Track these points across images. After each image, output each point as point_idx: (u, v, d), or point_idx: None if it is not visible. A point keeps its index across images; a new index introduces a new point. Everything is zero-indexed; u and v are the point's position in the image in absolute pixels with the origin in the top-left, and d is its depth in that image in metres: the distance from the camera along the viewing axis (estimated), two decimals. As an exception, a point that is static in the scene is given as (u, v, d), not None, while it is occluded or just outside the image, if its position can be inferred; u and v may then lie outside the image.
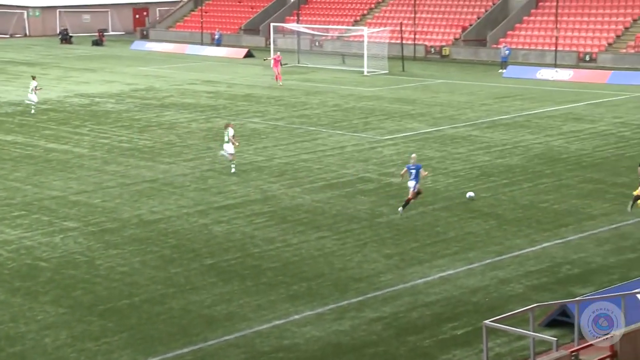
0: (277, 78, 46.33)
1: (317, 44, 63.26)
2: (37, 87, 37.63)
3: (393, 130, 32.68)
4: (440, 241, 19.65)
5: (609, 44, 52.79)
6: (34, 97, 37.59)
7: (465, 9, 61.31)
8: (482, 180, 24.87)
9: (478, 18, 59.78)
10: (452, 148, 29.29)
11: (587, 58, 51.80)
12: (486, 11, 60.00)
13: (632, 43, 51.65)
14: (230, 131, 26.73)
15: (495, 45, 56.10)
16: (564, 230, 20.21)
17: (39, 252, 19.39)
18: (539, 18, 57.45)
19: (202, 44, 67.15)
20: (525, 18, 57.88)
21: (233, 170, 26.19)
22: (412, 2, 60.07)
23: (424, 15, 62.12)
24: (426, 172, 22.42)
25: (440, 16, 61.84)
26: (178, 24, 77.76)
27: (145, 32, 77.05)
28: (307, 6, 70.75)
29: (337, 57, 56.08)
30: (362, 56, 51.47)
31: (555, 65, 49.74)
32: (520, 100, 39.76)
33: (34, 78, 38.33)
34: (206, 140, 31.54)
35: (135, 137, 32.26)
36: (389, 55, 52.36)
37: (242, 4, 75.97)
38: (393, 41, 56.08)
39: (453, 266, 18.05)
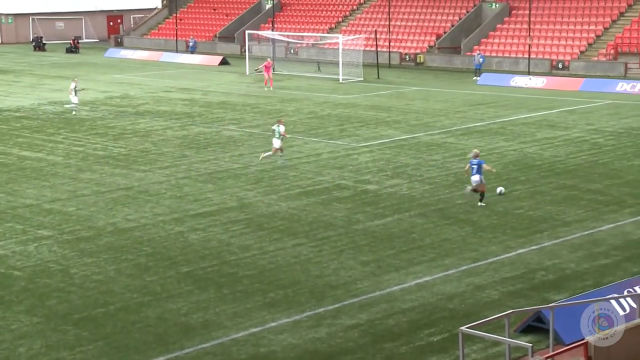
0: (266, 82, 46.77)
1: (292, 51, 63.33)
2: (78, 88, 38.79)
3: (368, 138, 32.76)
4: (416, 248, 19.71)
5: (581, 52, 53.31)
6: (74, 99, 38.58)
7: (439, 17, 61.67)
8: (457, 187, 24.97)
9: (452, 26, 60.15)
10: (427, 155, 29.41)
11: (560, 66, 52.28)
12: (460, 19, 60.39)
13: (604, 51, 52.21)
14: (282, 128, 28.02)
15: (469, 53, 56.46)
16: (538, 236, 20.35)
17: (13, 261, 19.21)
18: (512, 26, 57.91)
19: (176, 51, 67.01)
20: (498, 26, 58.32)
21: (283, 162, 27.80)
22: (387, 9, 60.32)
23: (398, 23, 62.40)
24: (489, 167, 23.72)
25: (415, 24, 62.15)
26: (152, 31, 77.54)
27: (119, 40, 76.75)
28: (282, 14, 70.83)
29: (313, 64, 56.19)
30: (337, 63, 51.61)
31: (529, 73, 50.17)
32: (495, 107, 40.02)
33: (74, 79, 39.42)
34: (181, 147, 31.43)
35: (110, 145, 32.08)
36: (364, 63, 52.55)
37: (216, 11, 75.89)
38: (368, 49, 56.29)
39: (429, 273, 18.11)
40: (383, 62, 55.66)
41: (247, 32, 59.57)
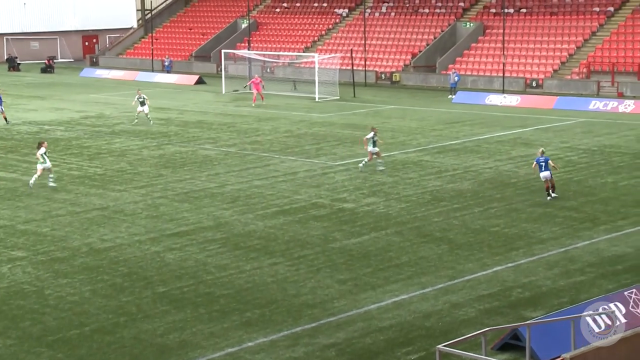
0: (255, 99, 47.31)
1: (268, 70, 63.42)
2: (140, 99, 40.56)
3: (345, 156, 32.81)
4: (393, 266, 19.71)
5: (555, 71, 53.83)
6: (144, 108, 40.76)
7: (414, 36, 62.08)
8: (433, 205, 25.06)
9: (427, 44, 60.55)
10: (403, 173, 29.49)
11: (534, 84, 52.73)
12: (435, 38, 60.82)
13: (577, 69, 52.77)
14: (371, 134, 29.19)
15: (444, 72, 56.83)
16: (514, 254, 20.43)
17: (-14, 283, 18.97)
18: (486, 45, 58.39)
19: (152, 70, 66.90)
20: (473, 45, 58.79)
21: (382, 168, 29.36)
22: (363, 28, 60.62)
23: (374, 42, 62.73)
24: (553, 163, 25.78)
25: (390, 42, 62.51)
26: (128, 51, 77.39)
27: (94, 59, 76.50)
28: (258, 33, 70.98)
29: (289, 83, 56.29)
30: (313, 82, 51.73)
31: (503, 91, 50.55)
32: (470, 125, 40.26)
33: (138, 90, 41.74)
34: (158, 167, 31.30)
35: (86, 165, 31.90)
36: (340, 82, 52.72)
37: (192, 30, 75.93)
38: (344, 67, 56.50)
39: (406, 291, 18.10)
40: (359, 80, 55.87)
41: (223, 51, 59.61)
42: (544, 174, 25.28)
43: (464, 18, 61.91)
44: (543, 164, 25.30)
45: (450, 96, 50.65)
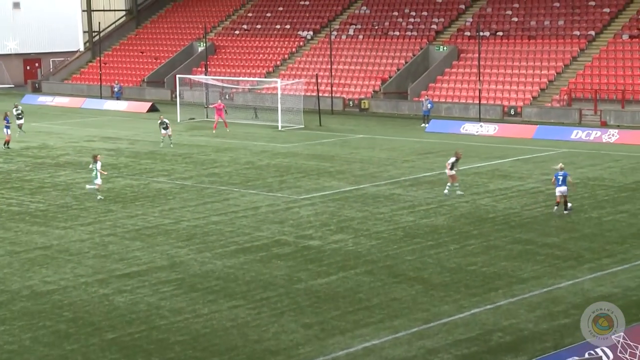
0: (215, 127, 47.91)
1: (227, 96, 63.48)
2: (164, 125, 43.47)
3: (310, 189, 32.86)
4: (363, 308, 19.69)
5: (534, 98, 54.58)
6: (167, 132, 43.54)
7: (384, 60, 62.65)
8: (406, 242, 25.13)
9: (398, 69, 61.11)
10: (374, 208, 29.59)
11: (512, 112, 53.38)
12: (406, 62, 61.42)
13: (557, 97, 53.53)
14: (453, 159, 31.18)
15: (416, 98, 57.35)
16: (493, 294, 20.52)
17: None
18: (461, 70, 59.08)
19: (101, 97, 66.69)
20: (447, 70, 59.45)
21: (460, 192, 31.00)
22: (329, 52, 61.04)
23: (341, 67, 63.20)
24: (571, 179, 28.29)
25: (359, 67, 63.00)
26: (74, 75, 77.15)
27: (37, 85, 76.11)
28: (215, 56, 71.17)
29: (249, 110, 56.42)
30: (275, 110, 51.89)
31: (480, 120, 51.09)
32: (445, 156, 40.47)
33: (161, 116, 44.75)
34: (106, 202, 31.08)
35: (27, 200, 31.59)
36: (304, 109, 52.95)
37: (144, 54, 75.93)
38: (309, 94, 56.80)
39: (377, 336, 18.07)
40: (325, 108, 56.15)
41: (178, 76, 59.71)
42: (561, 189, 27.81)
43: (436, 41, 62.67)
44: (561, 178, 27.87)
45: (423, 125, 51.06)
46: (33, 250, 24.68)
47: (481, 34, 57.60)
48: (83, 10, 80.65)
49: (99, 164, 31.43)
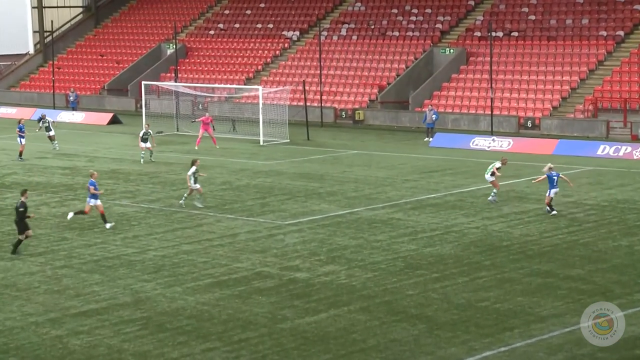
0: (199, 142, 47.94)
1: (200, 106, 63.68)
2: (145, 135, 44.41)
3: (297, 214, 32.90)
4: (358, 351, 19.71)
5: (554, 108, 54.88)
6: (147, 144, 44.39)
7: (382, 65, 62.95)
8: (407, 274, 25.17)
9: (398, 75, 61.42)
10: (370, 234, 29.63)
11: (529, 124, 53.64)
12: (407, 67, 61.73)
13: (581, 107, 53.81)
14: (497, 163, 33.97)
15: (419, 109, 57.60)
16: (508, 335, 20.56)
17: None
18: (469, 76, 59.40)
19: (54, 107, 66.75)
20: (454, 76, 59.76)
21: (493, 198, 33.78)
22: (317, 55, 61.30)
23: (332, 72, 63.49)
24: (567, 178, 32.34)
25: (352, 73, 63.30)
26: (23, 82, 77.27)
27: (-20, 93, 76.09)
28: (187, 60, 71.42)
29: (226, 122, 56.52)
30: (257, 122, 52.02)
31: (492, 133, 51.31)
32: (452, 175, 40.69)
33: (146, 125, 45.77)
34: (60, 228, 31.05)
35: (-32, 226, 31.55)
36: (290, 121, 53.06)
37: (104, 57, 76.11)
38: (295, 103, 56.99)
39: (374, 383, 18.08)
40: (314, 119, 56.31)
41: (143, 83, 59.76)
42: (556, 190, 31.47)
43: (442, 43, 63.04)
44: (555, 178, 31.45)
45: (426, 139, 51.25)
46: (-25, 285, 24.64)
47: (493, 34, 57.96)
48: (33, 7, 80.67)
49: (193, 168, 33.47)
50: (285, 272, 25.51)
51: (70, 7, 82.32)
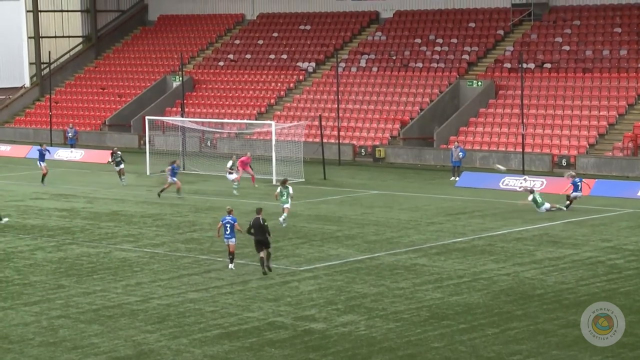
0: (238, 179, 48.16)
1: (208, 143, 63.92)
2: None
3: (312, 259, 32.88)
4: (379, 409, 19.60)
5: (591, 145, 54.84)
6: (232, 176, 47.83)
7: (404, 98, 63.11)
8: (432, 324, 25.08)
9: (421, 110, 61.53)
10: (391, 282, 29.57)
11: (564, 163, 53.58)
12: (431, 101, 61.86)
13: (620, 144, 53.74)
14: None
15: (444, 146, 57.62)
16: (543, 391, 20.44)
17: None
18: (499, 110, 59.46)
19: (51, 144, 67.02)
20: (481, 110, 59.83)
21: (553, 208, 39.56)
22: (335, 88, 61.53)
23: (350, 106, 63.66)
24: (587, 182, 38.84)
25: (372, 107, 63.45)
26: (18, 117, 77.74)
27: (-29, 129, 76.55)
28: (194, 94, 71.80)
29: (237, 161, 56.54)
30: (269, 159, 52.12)
31: (524, 172, 51.23)
32: (480, 217, 40.62)
33: (232, 157, 49.07)
34: (57, 275, 31.11)
35: (-42, 272, 31.65)
36: (305, 159, 53.16)
37: (106, 91, 76.57)
38: (310, 140, 57.10)
39: None
40: (331, 157, 56.39)
41: (147, 118, 60.06)
42: (578, 194, 38.74)
43: (469, 75, 63.21)
44: (579, 184, 40.41)
45: (453, 178, 51.25)
46: (-35, 336, 24.66)
47: (524, 66, 58.10)
48: (29, 37, 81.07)
49: (290, 189, 38.02)
50: (300, 323, 25.45)
51: (69, 37, 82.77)
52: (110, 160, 53.16)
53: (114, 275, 30.85)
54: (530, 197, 41.40)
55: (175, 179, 46.31)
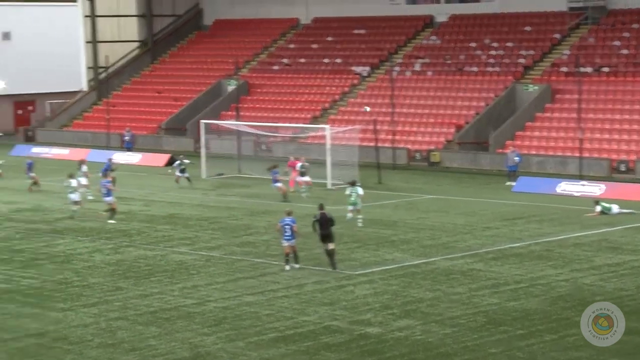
0: (292, 183, 48.85)
1: (263, 147, 64.08)
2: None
3: (368, 263, 32.84)
4: (436, 414, 19.54)
5: (651, 149, 54.26)
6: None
7: (459, 102, 62.84)
8: (489, 330, 24.96)
9: (477, 114, 61.26)
10: (447, 287, 29.47)
11: (623, 167, 53.05)
12: (487, 105, 61.55)
13: (681, 148, 53.11)
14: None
15: (500, 150, 57.31)
16: (602, 398, 20.26)
17: None
18: (556, 115, 59.03)
19: (108, 147, 67.58)
20: (538, 115, 59.43)
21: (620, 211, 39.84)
22: (390, 92, 61.42)
23: (404, 111, 63.50)
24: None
25: (427, 111, 63.26)
26: (76, 121, 78.45)
27: (30, 133, 77.44)
28: (249, 97, 72.05)
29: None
30: (324, 164, 52.13)
31: (581, 177, 50.78)
32: (537, 222, 40.35)
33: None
34: (115, 277, 31.35)
35: (17, 275, 31.95)
36: (359, 163, 53.09)
37: (162, 95, 77.06)
38: (365, 144, 57.02)
39: None
40: (386, 161, 56.30)
41: (202, 121, 60.32)
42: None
43: (525, 79, 62.82)
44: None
45: (509, 183, 50.95)
46: (23, 338, 24.85)
47: (582, 69, 57.59)
48: (87, 42, 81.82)
49: (360, 190, 39.19)
50: (356, 327, 25.43)
51: (125, 41, 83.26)
52: (171, 168, 54.51)
53: (170, 278, 31.04)
54: (599, 208, 41.21)
55: (278, 184, 46.88)
